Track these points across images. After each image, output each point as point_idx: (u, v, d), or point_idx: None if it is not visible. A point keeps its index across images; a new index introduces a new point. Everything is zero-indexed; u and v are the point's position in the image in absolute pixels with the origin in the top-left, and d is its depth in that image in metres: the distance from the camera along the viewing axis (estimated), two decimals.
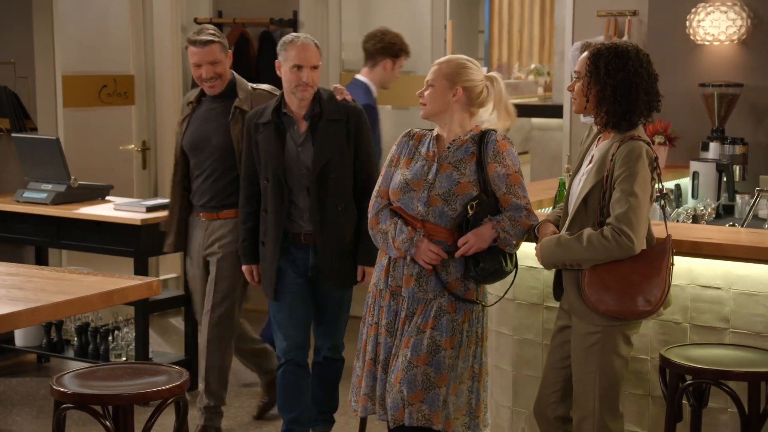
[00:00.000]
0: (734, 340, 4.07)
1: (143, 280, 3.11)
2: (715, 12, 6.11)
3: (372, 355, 4.08)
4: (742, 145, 5.96)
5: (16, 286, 3.01)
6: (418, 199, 4.00)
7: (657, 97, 3.82)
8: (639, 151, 3.69)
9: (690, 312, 4.16)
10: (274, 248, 4.64)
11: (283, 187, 4.60)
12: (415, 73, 8.33)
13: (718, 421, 4.11)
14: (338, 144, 4.61)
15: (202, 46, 4.96)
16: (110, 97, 7.63)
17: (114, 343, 6.15)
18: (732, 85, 6.06)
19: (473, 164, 3.99)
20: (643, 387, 4.29)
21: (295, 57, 4.55)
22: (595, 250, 3.66)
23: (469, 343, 3.99)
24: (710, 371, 3.66)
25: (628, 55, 3.75)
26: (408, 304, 4.01)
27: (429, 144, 4.09)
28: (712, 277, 4.12)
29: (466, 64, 4.07)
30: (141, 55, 7.81)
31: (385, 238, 4.07)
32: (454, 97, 4.01)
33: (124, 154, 7.81)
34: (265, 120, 4.65)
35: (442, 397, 3.93)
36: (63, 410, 3.36)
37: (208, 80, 5.00)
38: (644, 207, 3.67)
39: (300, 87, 4.55)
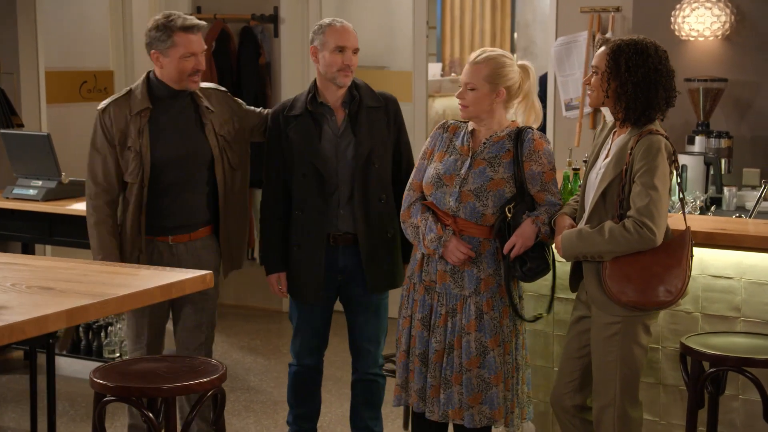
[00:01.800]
0: (745, 328, 4.17)
1: (197, 273, 3.14)
2: (700, 8, 6.22)
3: (405, 347, 4.14)
4: (727, 138, 6.08)
5: (75, 280, 3.02)
6: (450, 195, 4.02)
7: (674, 92, 3.90)
8: (658, 145, 3.77)
9: (701, 302, 4.26)
10: (316, 248, 4.43)
11: (324, 181, 4.40)
12: (389, 68, 8.40)
13: (730, 408, 4.22)
14: (380, 132, 4.45)
15: (198, 32, 4.42)
16: (91, 92, 7.62)
17: (107, 339, 6.14)
18: (717, 80, 6.17)
19: (509, 161, 4.00)
20: (655, 376, 4.38)
21: (339, 38, 4.35)
22: (617, 242, 3.73)
23: (511, 337, 4.06)
24: (733, 358, 3.75)
25: (648, 52, 3.82)
26: (447, 300, 4.04)
27: (463, 138, 4.09)
28: (723, 267, 4.22)
29: (505, 61, 4.01)
30: (120, 51, 7.80)
31: (416, 233, 4.09)
32: (498, 98, 4.01)
33: None
34: (297, 112, 4.44)
35: (501, 393, 4.01)
36: (105, 403, 3.37)
37: (195, 73, 4.40)
38: (664, 200, 3.75)
39: (342, 71, 4.35)
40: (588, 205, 3.93)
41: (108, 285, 2.95)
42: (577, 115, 6.74)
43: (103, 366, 3.51)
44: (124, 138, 4.35)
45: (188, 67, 4.35)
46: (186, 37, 4.34)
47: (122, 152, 4.36)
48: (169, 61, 4.33)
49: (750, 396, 4.19)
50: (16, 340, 2.50)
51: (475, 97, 3.99)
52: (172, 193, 4.44)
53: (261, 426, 5.56)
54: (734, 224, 4.35)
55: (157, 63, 4.38)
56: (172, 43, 4.32)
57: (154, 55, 4.37)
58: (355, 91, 4.46)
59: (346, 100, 4.46)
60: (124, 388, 3.34)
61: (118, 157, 4.38)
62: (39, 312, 2.60)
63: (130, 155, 4.35)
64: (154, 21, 4.38)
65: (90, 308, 2.70)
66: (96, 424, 3.38)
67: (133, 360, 3.62)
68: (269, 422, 5.61)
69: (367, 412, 4.70)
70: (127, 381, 3.39)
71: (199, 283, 3.11)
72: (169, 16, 4.36)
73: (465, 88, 4.01)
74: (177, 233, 4.47)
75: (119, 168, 4.39)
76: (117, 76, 7.77)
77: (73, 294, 2.80)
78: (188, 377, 3.42)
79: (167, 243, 4.47)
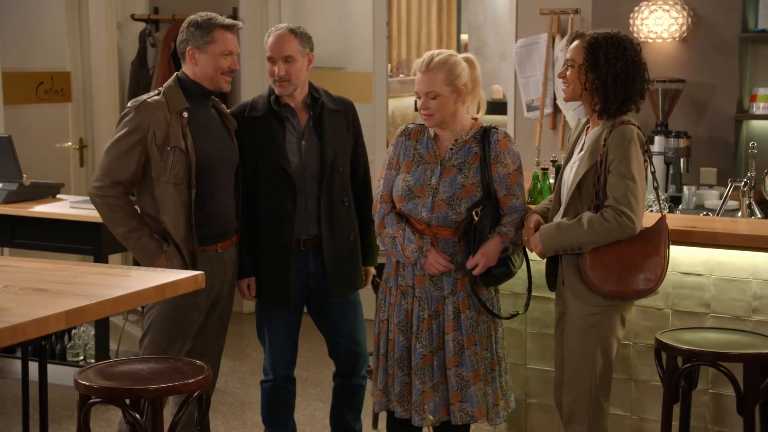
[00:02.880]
0: (715, 324, 4.25)
1: (190, 274, 3.14)
2: (658, 10, 6.32)
3: (384, 351, 4.15)
4: (685, 138, 6.19)
5: (67, 281, 3.01)
6: (422, 206, 4.01)
7: (648, 84, 3.93)
8: (631, 135, 3.80)
9: (672, 298, 4.34)
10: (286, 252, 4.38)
11: (291, 184, 4.35)
12: (345, 69, 8.43)
13: (701, 402, 4.30)
14: (342, 135, 4.45)
15: (235, 32, 4.34)
16: (47, 94, 7.54)
17: (71, 342, 6.10)
18: (675, 81, 6.28)
19: (477, 165, 3.99)
20: (626, 371, 4.45)
21: (267, 48, 4.36)
22: (596, 232, 3.77)
23: (490, 331, 4.09)
24: (708, 353, 3.83)
25: (625, 44, 3.85)
26: (428, 304, 4.05)
27: (428, 144, 4.07)
28: (693, 264, 4.30)
29: (456, 60, 3.97)
30: (77, 52, 7.74)
31: (394, 243, 4.07)
32: (459, 98, 3.99)
33: (61, 152, 7.71)
34: (260, 113, 4.40)
35: (480, 391, 4.03)
36: (90, 405, 3.36)
37: (230, 73, 4.33)
38: (641, 188, 3.79)
39: (277, 82, 4.34)
40: (564, 199, 3.95)
41: (102, 286, 2.94)
42: (537, 115, 6.82)
43: (86, 367, 3.50)
44: (165, 137, 4.19)
45: (224, 65, 4.28)
46: (225, 34, 4.28)
47: (162, 152, 4.18)
48: (206, 57, 4.26)
49: (719, 390, 4.28)
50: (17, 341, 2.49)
51: (439, 103, 3.95)
52: (216, 197, 4.34)
53: (230, 427, 5.56)
54: (704, 222, 4.43)
55: (191, 60, 4.29)
56: (211, 39, 4.26)
57: (190, 51, 4.28)
58: (316, 93, 4.44)
59: (309, 102, 4.43)
60: (111, 389, 3.32)
61: (149, 156, 4.21)
62: (38, 313, 2.59)
63: (172, 156, 4.19)
64: (191, 20, 4.32)
65: (88, 309, 2.69)
66: (81, 426, 3.36)
67: (116, 361, 3.60)
68: (237, 423, 5.61)
69: (350, 414, 4.69)
70: (112, 382, 3.38)
71: (191, 283, 3.11)
72: (208, 15, 4.32)
73: (426, 97, 3.95)
74: (222, 240, 4.37)
75: (150, 169, 4.22)
76: (74, 77, 7.71)
77: (69, 295, 2.79)
78: (174, 378, 3.42)
79: (216, 251, 4.35)
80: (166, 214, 4.23)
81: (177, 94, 4.29)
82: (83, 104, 7.78)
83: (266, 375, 4.61)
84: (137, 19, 7.78)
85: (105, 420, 5.51)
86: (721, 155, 6.37)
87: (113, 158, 4.22)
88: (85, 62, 7.74)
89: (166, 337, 4.30)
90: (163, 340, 4.30)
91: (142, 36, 7.68)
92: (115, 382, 3.37)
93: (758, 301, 4.19)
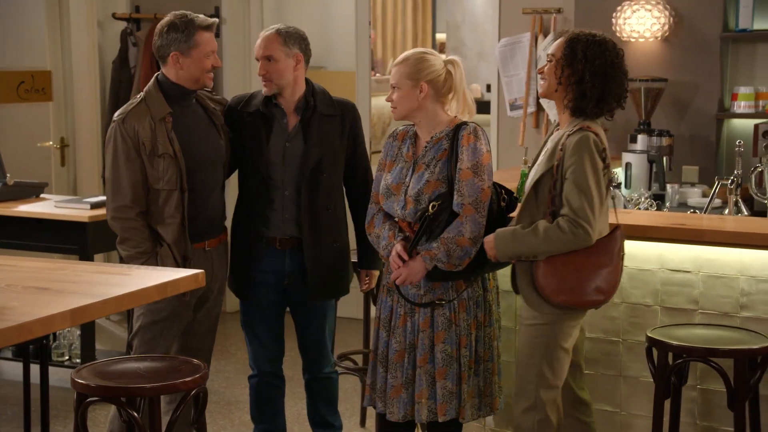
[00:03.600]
0: (703, 320, 4.30)
1: (191, 272, 3.14)
2: (640, 10, 6.37)
3: (374, 347, 4.21)
4: (668, 137, 6.24)
5: (69, 280, 3.01)
6: (397, 203, 4.07)
7: (626, 93, 3.88)
8: (586, 142, 3.72)
9: (661, 295, 4.38)
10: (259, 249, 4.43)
11: (269, 185, 4.38)
12: (326, 68, 8.45)
13: (689, 398, 4.34)
14: (332, 141, 4.41)
15: (213, 30, 4.34)
16: (28, 93, 7.51)
17: (56, 342, 6.08)
18: (657, 80, 6.33)
19: (444, 160, 4.01)
20: (615, 368, 4.49)
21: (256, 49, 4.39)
22: (551, 242, 3.72)
23: (470, 329, 4.09)
24: (699, 349, 3.86)
25: (606, 46, 3.80)
26: (405, 302, 4.09)
27: (408, 144, 4.13)
28: (681, 261, 4.34)
29: (423, 56, 4.04)
30: (58, 51, 7.71)
31: (378, 242, 4.16)
32: (422, 93, 4.02)
33: (42, 151, 7.68)
34: (252, 109, 4.41)
35: (445, 390, 4.03)
36: (87, 404, 3.36)
37: (212, 70, 4.34)
38: (597, 197, 3.71)
39: (262, 81, 4.37)
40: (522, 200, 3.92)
41: (104, 285, 2.95)
42: (521, 114, 6.85)
43: (82, 366, 3.50)
44: (153, 146, 4.20)
45: (208, 65, 4.29)
46: (205, 35, 4.28)
47: (152, 161, 4.20)
48: (191, 61, 4.25)
49: (707, 386, 4.32)
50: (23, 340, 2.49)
51: (400, 96, 4.03)
52: (203, 196, 4.36)
53: (217, 426, 5.56)
54: (692, 219, 4.47)
55: (176, 65, 4.26)
56: (194, 42, 4.24)
57: (174, 56, 4.25)
58: (311, 97, 4.42)
59: (300, 105, 4.41)
60: (108, 388, 3.33)
61: (144, 166, 4.22)
62: (43, 312, 2.59)
63: (162, 162, 4.21)
64: (169, 23, 4.26)
65: (92, 308, 2.69)
66: (78, 424, 3.36)
67: (111, 360, 3.61)
68: (225, 422, 5.62)
69: (324, 408, 4.71)
70: (109, 381, 3.38)
71: (192, 281, 3.12)
72: (185, 16, 4.26)
73: (391, 89, 4.07)
74: (209, 238, 4.41)
75: (146, 178, 4.24)
76: (55, 76, 7.67)
77: (71, 294, 2.79)
78: (171, 376, 3.43)
79: (203, 249, 4.38)
80: (159, 219, 4.25)
81: (158, 100, 4.29)
82: (64, 103, 7.76)
83: (252, 370, 4.67)
84: (118, 18, 7.76)
85: (92, 420, 5.49)
86: (703, 153, 6.43)
87: (118, 177, 4.23)
88: (66, 61, 7.72)
89: (157, 336, 4.31)
90: (154, 339, 4.31)
91: (124, 35, 7.65)
92: (113, 381, 3.38)
93: (746, 298, 4.24)
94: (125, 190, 4.21)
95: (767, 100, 6.29)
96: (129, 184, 4.20)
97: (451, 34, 12.42)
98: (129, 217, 4.22)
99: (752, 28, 6.30)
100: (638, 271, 4.40)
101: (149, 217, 4.26)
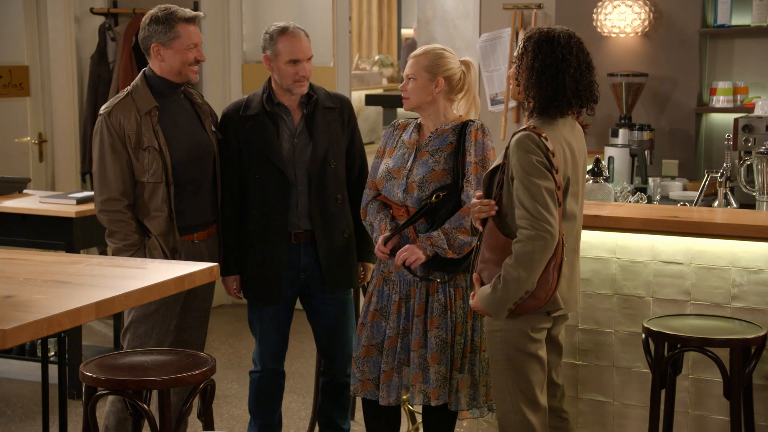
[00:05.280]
0: (695, 311, 4.37)
1: (206, 266, 3.16)
2: (621, 5, 6.46)
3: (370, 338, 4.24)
4: (649, 131, 6.33)
5: (86, 274, 3.01)
6: (397, 186, 4.16)
7: (589, 86, 3.73)
8: (526, 142, 3.59)
9: (653, 286, 4.44)
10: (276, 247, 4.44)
11: (284, 181, 4.41)
12: None
13: (681, 387, 4.40)
14: (336, 132, 4.49)
15: (197, 24, 4.39)
16: (6, 88, 7.47)
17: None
18: (637, 75, 6.42)
19: (449, 153, 4.12)
20: (608, 359, 4.55)
21: (291, 51, 4.36)
22: (530, 265, 3.56)
23: (466, 317, 4.14)
24: (696, 339, 3.93)
25: (558, 41, 3.68)
26: (401, 287, 4.16)
27: (411, 132, 4.24)
28: (673, 252, 4.41)
29: (444, 53, 4.18)
30: (35, 46, 7.66)
31: (372, 230, 4.25)
32: (437, 88, 4.15)
33: (20, 147, 7.64)
34: (254, 112, 4.44)
35: (438, 375, 4.09)
36: (97, 397, 3.37)
37: (196, 64, 4.39)
38: (547, 196, 3.57)
39: (298, 82, 4.38)
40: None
41: (122, 278, 2.96)
42: (502, 109, 6.91)
43: (89, 360, 3.51)
44: (138, 139, 4.26)
45: (191, 58, 4.34)
46: (188, 27, 4.33)
47: (137, 154, 4.26)
48: (172, 53, 4.31)
49: (699, 375, 4.39)
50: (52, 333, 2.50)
51: (415, 86, 4.14)
52: (192, 190, 4.40)
53: None
54: (683, 212, 4.54)
55: (157, 57, 4.33)
56: (175, 34, 4.30)
57: (155, 48, 4.32)
58: (312, 92, 4.48)
59: (302, 100, 4.47)
60: (118, 381, 3.34)
61: (131, 159, 4.28)
62: (69, 305, 2.60)
63: (147, 156, 4.26)
64: (151, 15, 4.34)
65: (115, 300, 2.71)
66: (88, 418, 3.37)
67: (119, 353, 3.62)
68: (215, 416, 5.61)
69: (336, 411, 4.72)
70: (118, 374, 3.39)
71: (207, 275, 3.14)
72: (167, 9, 4.33)
73: (407, 79, 4.15)
74: (198, 230, 4.43)
75: (132, 171, 4.29)
76: (32, 71, 7.63)
77: (92, 287, 2.80)
78: (180, 369, 3.45)
79: (192, 242, 4.41)
80: (145, 212, 4.29)
81: (145, 94, 4.34)
82: (42, 99, 7.72)
83: (255, 366, 4.67)
84: (96, 13, 7.73)
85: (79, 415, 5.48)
86: (683, 147, 6.53)
87: (104, 170, 4.27)
88: (43, 56, 7.68)
89: (149, 330, 4.35)
90: (146, 334, 4.35)
91: (102, 30, 7.62)
92: (122, 374, 3.39)
93: (737, 289, 4.31)
94: (112, 183, 4.26)
95: (745, 95, 6.40)
96: (115, 177, 4.26)
97: (421, 29, 12.43)
98: (116, 210, 4.26)
99: (730, 24, 6.41)
100: (630, 263, 4.47)
101: (136, 210, 4.31)
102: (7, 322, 2.39)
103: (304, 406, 5.73)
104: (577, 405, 4.62)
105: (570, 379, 4.59)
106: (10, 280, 2.85)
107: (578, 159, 3.78)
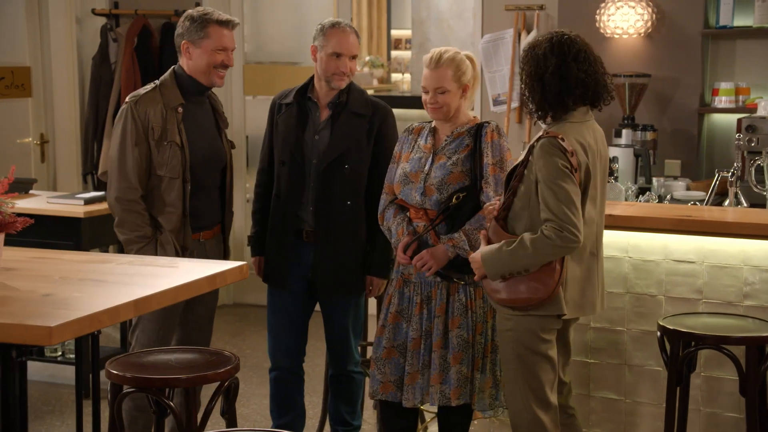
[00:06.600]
0: (707, 309, 4.41)
1: (235, 264, 3.18)
2: (624, 6, 6.49)
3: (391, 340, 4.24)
4: (652, 131, 6.36)
5: (119, 273, 3.03)
6: (415, 190, 4.16)
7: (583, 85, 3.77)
8: (549, 147, 3.67)
9: (665, 285, 4.49)
10: (285, 235, 4.50)
11: (301, 173, 4.47)
12: (300, 64, 8.46)
13: (693, 385, 4.44)
14: (357, 137, 4.47)
15: (232, 29, 4.44)
16: (8, 89, 7.46)
17: None
18: (640, 76, 6.45)
19: (467, 155, 4.13)
20: (620, 357, 4.59)
21: (337, 45, 4.41)
22: (542, 252, 3.66)
23: (486, 317, 4.16)
24: (712, 337, 3.96)
25: (549, 44, 3.77)
26: (422, 289, 4.17)
27: (427, 136, 4.25)
28: (685, 252, 4.45)
29: (462, 58, 4.17)
30: (37, 46, 7.66)
31: (390, 235, 4.26)
32: (464, 94, 4.18)
33: (22, 148, 7.64)
34: (289, 101, 4.52)
35: (460, 374, 4.10)
36: (123, 396, 3.38)
37: (224, 68, 4.44)
38: (574, 198, 3.65)
39: (337, 75, 4.43)
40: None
41: (155, 277, 2.98)
42: (504, 109, 6.95)
43: (116, 358, 3.52)
44: (162, 132, 4.29)
45: (218, 60, 4.38)
46: (220, 30, 4.38)
47: (159, 146, 4.29)
48: (199, 52, 4.36)
49: (711, 373, 4.45)
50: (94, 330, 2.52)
51: (447, 98, 4.13)
52: (205, 193, 4.45)
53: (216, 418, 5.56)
54: (695, 211, 4.59)
55: (186, 54, 4.39)
56: (205, 34, 4.36)
57: (185, 45, 4.38)
58: (345, 95, 4.49)
59: (333, 100, 4.50)
60: (145, 379, 3.35)
61: (150, 151, 4.31)
62: (109, 303, 2.62)
63: (169, 150, 4.30)
64: (188, 13, 4.41)
65: (152, 298, 2.73)
66: (115, 415, 3.39)
67: (143, 352, 3.63)
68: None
69: (344, 406, 4.73)
70: (144, 372, 3.41)
71: (237, 274, 3.16)
72: (204, 10, 4.41)
73: (435, 92, 4.12)
74: (204, 230, 4.49)
75: (150, 163, 4.33)
76: (34, 72, 7.63)
77: (128, 285, 2.82)
78: (205, 367, 3.46)
79: (198, 240, 4.45)
80: (158, 206, 4.33)
81: (173, 89, 4.40)
82: (44, 99, 7.72)
83: (270, 362, 4.70)
84: (98, 14, 7.73)
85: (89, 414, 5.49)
86: (685, 147, 6.56)
87: (124, 158, 4.30)
88: (45, 57, 7.68)
89: (157, 328, 4.38)
90: (154, 331, 4.39)
91: (104, 31, 7.62)
92: (147, 372, 3.40)
93: (749, 287, 4.36)
94: (131, 172, 4.30)
95: (747, 96, 6.44)
96: (134, 166, 4.29)
97: (416, 29, 12.46)
98: (132, 199, 4.30)
99: (732, 25, 6.44)
100: (643, 262, 4.51)
101: (148, 204, 4.34)
102: (52, 319, 2.41)
103: (312, 405, 5.75)
104: (589, 403, 4.66)
105: (582, 377, 4.64)
106: (47, 278, 2.87)
107: (596, 162, 3.82)
